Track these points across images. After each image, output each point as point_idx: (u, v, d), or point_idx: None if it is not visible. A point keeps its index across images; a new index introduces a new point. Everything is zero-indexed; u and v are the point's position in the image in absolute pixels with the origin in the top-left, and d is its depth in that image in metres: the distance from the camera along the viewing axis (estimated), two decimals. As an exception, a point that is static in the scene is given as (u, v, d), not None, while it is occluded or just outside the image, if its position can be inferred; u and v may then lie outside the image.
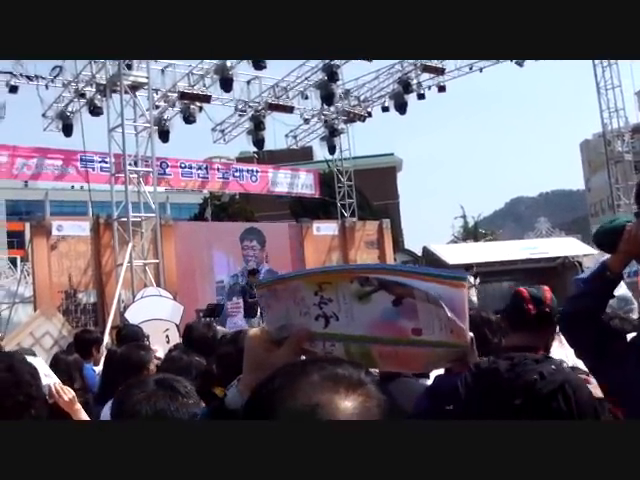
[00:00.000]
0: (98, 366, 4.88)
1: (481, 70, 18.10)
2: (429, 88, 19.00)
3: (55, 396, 2.93)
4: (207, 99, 16.32)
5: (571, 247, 19.66)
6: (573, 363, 2.59)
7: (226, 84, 15.73)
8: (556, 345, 2.89)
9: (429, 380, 2.93)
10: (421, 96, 18.92)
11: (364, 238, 18.61)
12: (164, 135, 16.77)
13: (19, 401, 2.30)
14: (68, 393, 2.99)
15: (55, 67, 14.77)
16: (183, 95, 15.95)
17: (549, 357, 2.45)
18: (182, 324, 8.24)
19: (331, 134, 19.04)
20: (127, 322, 8.80)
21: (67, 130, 15.58)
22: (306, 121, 19.13)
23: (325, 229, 18.09)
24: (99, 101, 14.89)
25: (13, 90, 14.70)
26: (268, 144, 18.56)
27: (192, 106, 16.49)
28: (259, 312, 11.56)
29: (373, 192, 36.43)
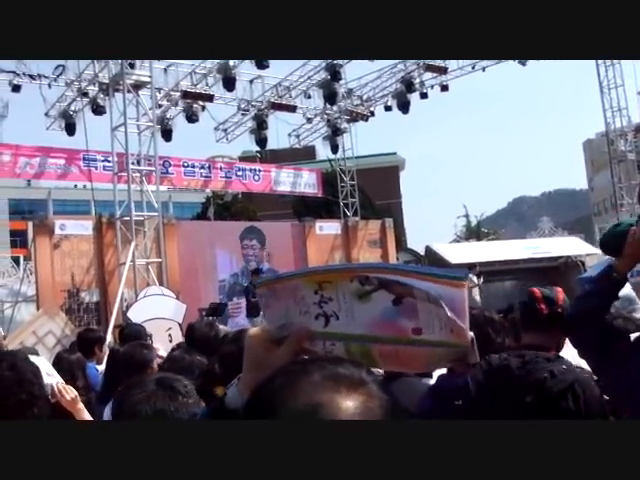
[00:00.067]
0: (101, 365, 4.90)
1: (484, 69, 18.06)
2: (432, 87, 18.96)
3: (57, 395, 2.93)
4: (210, 98, 16.30)
5: (574, 246, 19.61)
6: (577, 363, 2.59)
7: (229, 83, 15.73)
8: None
9: (432, 380, 2.93)
10: (424, 95, 18.89)
11: (367, 237, 18.59)
12: (167, 134, 16.74)
13: (22, 400, 2.31)
14: (70, 392, 3.00)
15: (58, 66, 14.77)
16: (186, 94, 15.94)
17: (560, 357, 2.45)
18: (185, 323, 8.24)
19: (334, 133, 19.00)
20: (130, 321, 8.80)
21: (70, 129, 15.56)
22: (309, 120, 19.09)
23: (328, 228, 18.07)
24: (102, 100, 14.87)
25: (16, 89, 14.67)
26: (271, 143, 18.54)
27: (195, 105, 16.46)
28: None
29: (376, 191, 36.45)
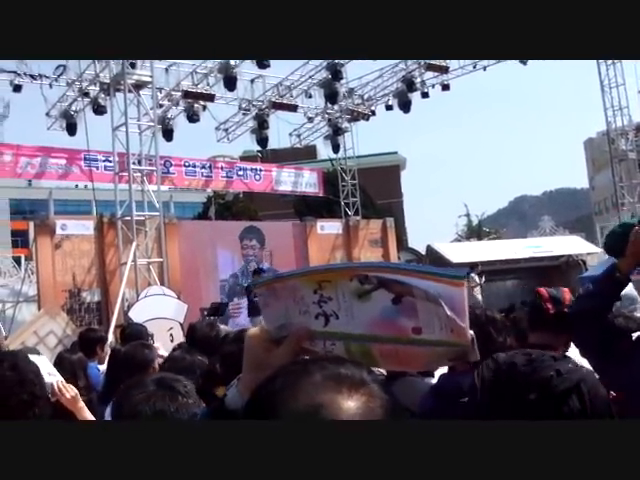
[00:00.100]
0: (102, 365, 4.90)
1: (485, 69, 18.05)
2: (433, 87, 18.95)
3: (57, 394, 2.93)
4: (211, 98, 16.30)
5: (575, 245, 19.63)
6: (579, 363, 2.60)
7: (230, 83, 15.73)
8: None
9: (434, 379, 2.93)
10: (425, 95, 18.88)
11: (368, 237, 18.60)
12: (168, 134, 16.74)
13: (23, 400, 2.31)
14: (70, 390, 2.99)
15: (59, 66, 14.78)
16: (187, 94, 15.94)
17: (567, 356, 2.45)
18: (186, 323, 8.26)
19: (335, 133, 18.99)
20: (131, 321, 8.81)
21: (71, 129, 15.56)
22: (310, 120, 19.09)
23: (329, 228, 18.07)
24: (103, 100, 14.87)
25: (17, 89, 14.68)
26: (272, 143, 18.56)
27: (196, 105, 16.47)
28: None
29: (377, 191, 36.46)
